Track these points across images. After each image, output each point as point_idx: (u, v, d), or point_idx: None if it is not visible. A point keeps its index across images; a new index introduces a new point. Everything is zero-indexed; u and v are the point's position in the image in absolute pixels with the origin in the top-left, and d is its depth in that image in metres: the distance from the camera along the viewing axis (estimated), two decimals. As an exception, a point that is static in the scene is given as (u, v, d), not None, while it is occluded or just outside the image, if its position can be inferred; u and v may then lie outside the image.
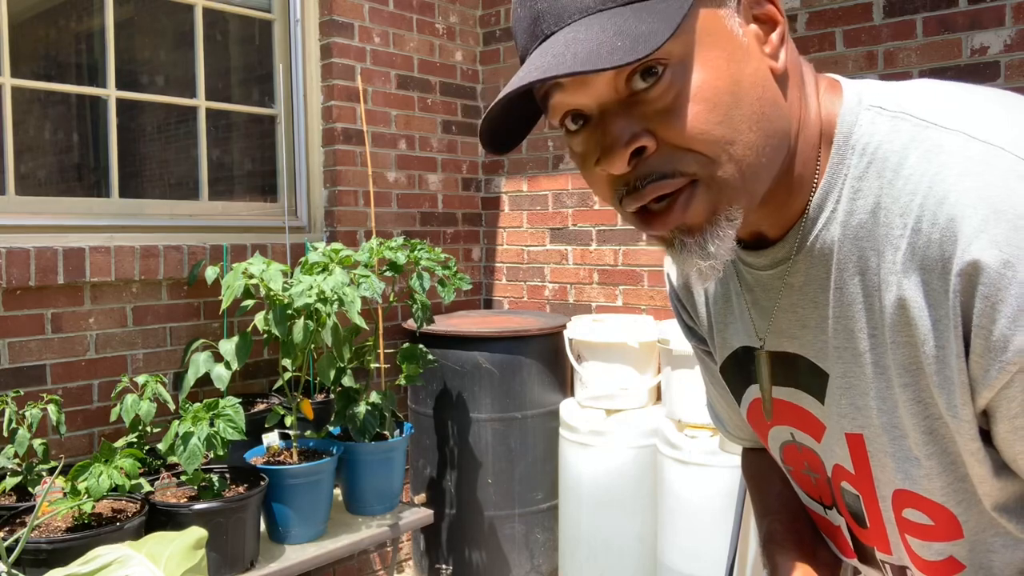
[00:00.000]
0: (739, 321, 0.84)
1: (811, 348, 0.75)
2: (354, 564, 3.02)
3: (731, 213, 0.65)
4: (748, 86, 0.64)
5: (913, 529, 0.73)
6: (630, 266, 3.08)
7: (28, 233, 2.28)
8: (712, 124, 0.63)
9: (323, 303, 2.16)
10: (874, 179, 0.66)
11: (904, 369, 0.66)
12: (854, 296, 0.69)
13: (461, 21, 3.43)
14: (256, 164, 2.98)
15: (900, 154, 0.65)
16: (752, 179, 0.66)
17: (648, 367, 2.74)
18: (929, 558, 0.73)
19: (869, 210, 0.67)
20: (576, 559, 2.77)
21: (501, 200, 3.49)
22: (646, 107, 0.63)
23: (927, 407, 0.66)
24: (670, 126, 0.63)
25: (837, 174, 0.69)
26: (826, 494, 0.83)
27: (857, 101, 0.70)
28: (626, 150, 0.63)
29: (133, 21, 2.69)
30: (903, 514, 0.73)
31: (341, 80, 2.98)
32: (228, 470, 2.25)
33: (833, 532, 0.86)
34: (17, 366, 2.23)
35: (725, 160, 0.64)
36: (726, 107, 0.63)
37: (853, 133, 0.69)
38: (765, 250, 0.75)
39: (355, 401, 2.45)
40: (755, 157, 0.65)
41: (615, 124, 0.64)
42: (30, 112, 2.49)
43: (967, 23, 2.30)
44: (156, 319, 2.50)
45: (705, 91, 0.62)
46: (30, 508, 1.90)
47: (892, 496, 0.73)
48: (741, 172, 0.64)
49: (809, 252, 0.72)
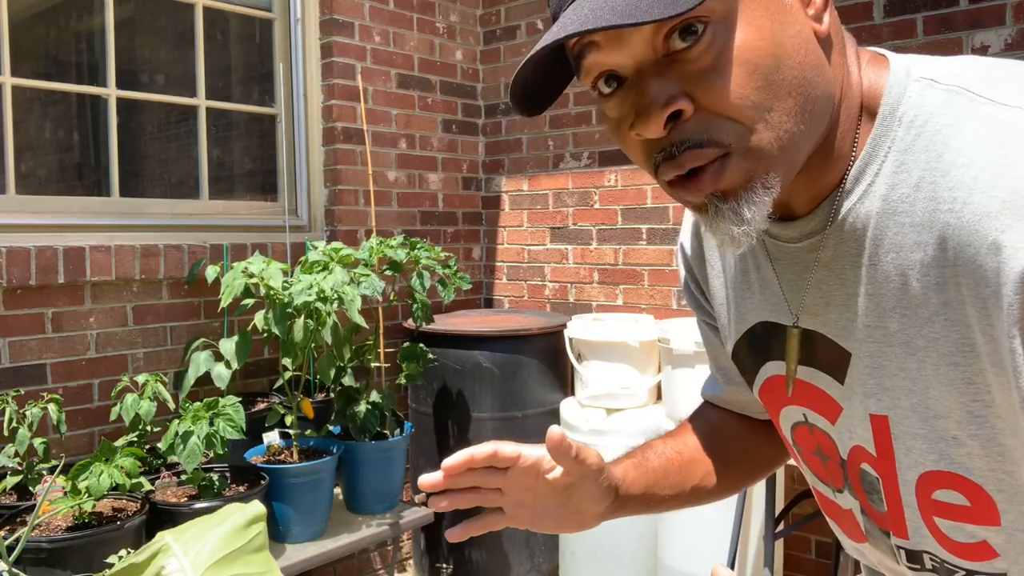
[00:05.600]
0: (759, 295, 0.81)
1: (833, 327, 0.73)
2: (354, 563, 3.02)
3: (768, 181, 0.63)
4: (791, 49, 0.62)
5: (945, 510, 0.70)
6: (630, 265, 3.08)
7: (28, 232, 2.28)
8: (751, 89, 0.60)
9: (323, 302, 2.16)
10: (921, 152, 0.64)
11: (955, 348, 0.63)
12: (888, 273, 0.66)
13: (461, 20, 3.43)
14: (256, 163, 2.98)
15: (953, 127, 0.62)
16: (790, 146, 0.63)
17: (648, 366, 2.74)
18: (963, 540, 0.70)
19: (913, 183, 0.64)
20: (576, 558, 2.77)
21: (501, 199, 3.49)
22: (685, 67, 0.61)
23: (977, 389, 0.63)
24: (709, 88, 0.60)
25: (879, 146, 0.66)
26: (836, 477, 0.81)
27: (906, 73, 0.67)
28: (662, 113, 0.61)
29: (133, 20, 2.69)
30: (933, 496, 0.70)
31: (341, 79, 2.98)
32: (228, 469, 2.25)
33: (841, 515, 0.84)
34: (17, 365, 2.23)
35: (762, 127, 0.61)
36: (767, 70, 0.61)
37: (901, 105, 0.66)
38: (794, 222, 0.72)
39: (355, 400, 2.45)
40: (794, 124, 0.62)
41: (652, 85, 0.61)
42: (31, 111, 2.49)
43: (967, 22, 2.30)
44: (156, 318, 2.50)
45: (747, 53, 0.60)
46: (31, 507, 1.90)
47: (918, 479, 0.71)
48: (779, 139, 0.62)
49: (840, 226, 0.69)
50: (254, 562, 0.72)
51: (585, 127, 3.19)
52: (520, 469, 0.83)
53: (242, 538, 0.72)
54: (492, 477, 0.83)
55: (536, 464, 0.83)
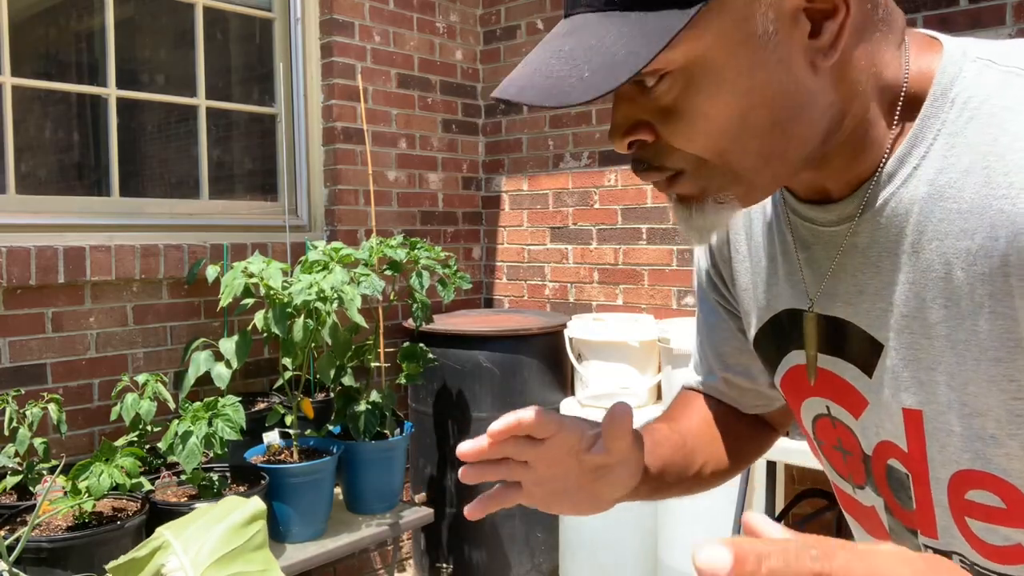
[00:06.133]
0: (784, 282, 0.79)
1: (865, 316, 0.70)
2: (354, 563, 3.02)
3: (720, 197, 0.64)
4: (761, 101, 0.60)
5: (978, 511, 0.68)
6: (630, 265, 3.08)
7: (29, 232, 2.28)
8: (708, 136, 0.61)
9: (323, 302, 2.16)
10: (974, 135, 0.61)
11: (999, 343, 0.61)
12: (931, 262, 0.63)
13: (461, 20, 3.43)
14: (256, 163, 2.98)
15: (1012, 110, 0.59)
16: (753, 176, 0.63)
17: (649, 366, 2.74)
18: (996, 543, 0.68)
19: (963, 168, 0.61)
20: (577, 558, 2.77)
21: (501, 199, 3.49)
22: (649, 102, 0.62)
23: (1020, 387, 0.61)
24: (667, 126, 0.62)
25: (928, 127, 0.64)
26: (857, 473, 0.78)
27: (961, 54, 0.64)
28: (623, 139, 0.64)
29: (133, 20, 2.69)
30: (966, 496, 0.68)
31: (341, 79, 2.98)
32: (228, 469, 2.25)
33: (863, 513, 0.81)
34: (18, 365, 2.23)
35: (719, 161, 0.62)
36: (727, 122, 0.60)
37: (954, 85, 0.63)
38: (832, 205, 0.70)
39: (355, 400, 2.45)
40: (755, 160, 0.63)
41: (620, 111, 0.64)
42: (31, 111, 2.49)
43: (968, 22, 2.30)
44: (156, 318, 2.50)
45: (706, 106, 0.60)
46: (31, 507, 1.90)
47: (951, 478, 0.68)
48: (735, 174, 0.63)
49: (880, 212, 0.66)
50: (254, 560, 0.72)
51: (585, 127, 3.19)
52: (557, 442, 0.76)
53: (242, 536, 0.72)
54: (525, 448, 0.78)
55: (575, 439, 0.76)
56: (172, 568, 0.70)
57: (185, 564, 0.70)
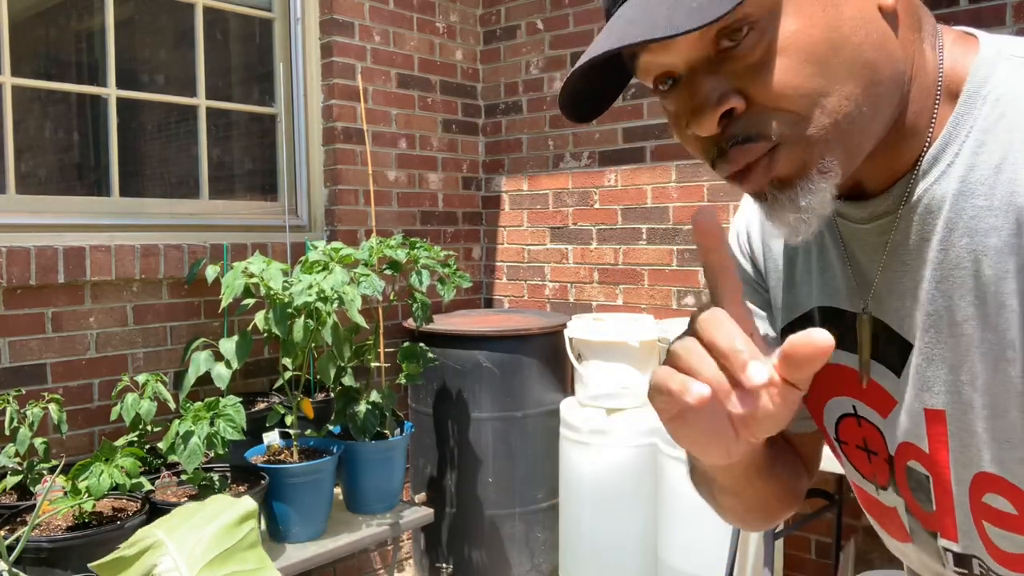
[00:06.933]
0: (817, 279, 0.77)
1: (895, 315, 0.69)
2: (354, 563, 3.02)
3: (824, 165, 0.61)
4: (849, 30, 0.59)
5: (994, 516, 0.67)
6: (630, 265, 3.08)
7: (28, 232, 2.28)
8: (803, 77, 0.59)
9: (323, 302, 2.16)
10: (1004, 132, 0.61)
11: (1020, 342, 0.60)
12: (960, 258, 0.63)
13: (461, 20, 3.43)
14: (256, 163, 2.98)
15: None
16: (851, 130, 0.61)
17: (648, 366, 2.74)
18: (1010, 550, 0.67)
19: (994, 165, 0.61)
20: (577, 558, 2.77)
21: (501, 199, 3.49)
22: (736, 64, 0.60)
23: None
24: (760, 83, 0.59)
25: (961, 124, 0.64)
26: (881, 473, 0.76)
27: (996, 52, 0.64)
28: (715, 112, 0.60)
29: (133, 20, 2.69)
30: (983, 499, 0.67)
31: (341, 79, 2.98)
32: (229, 469, 2.25)
33: (885, 513, 0.80)
34: (18, 365, 2.23)
35: (817, 114, 0.60)
36: (821, 57, 0.59)
37: (988, 83, 0.63)
38: (866, 201, 0.69)
39: (355, 400, 2.45)
40: (854, 107, 0.60)
41: (704, 84, 0.60)
42: (31, 111, 2.49)
43: (968, 22, 2.30)
44: (156, 318, 2.50)
45: (797, 43, 0.59)
46: (31, 507, 1.90)
47: (972, 479, 0.67)
48: (836, 124, 0.60)
49: (913, 208, 0.66)
50: (249, 559, 0.72)
51: (585, 127, 3.19)
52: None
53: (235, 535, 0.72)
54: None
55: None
56: (166, 568, 0.70)
57: (180, 564, 0.70)
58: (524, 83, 3.39)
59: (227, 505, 0.74)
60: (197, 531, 0.72)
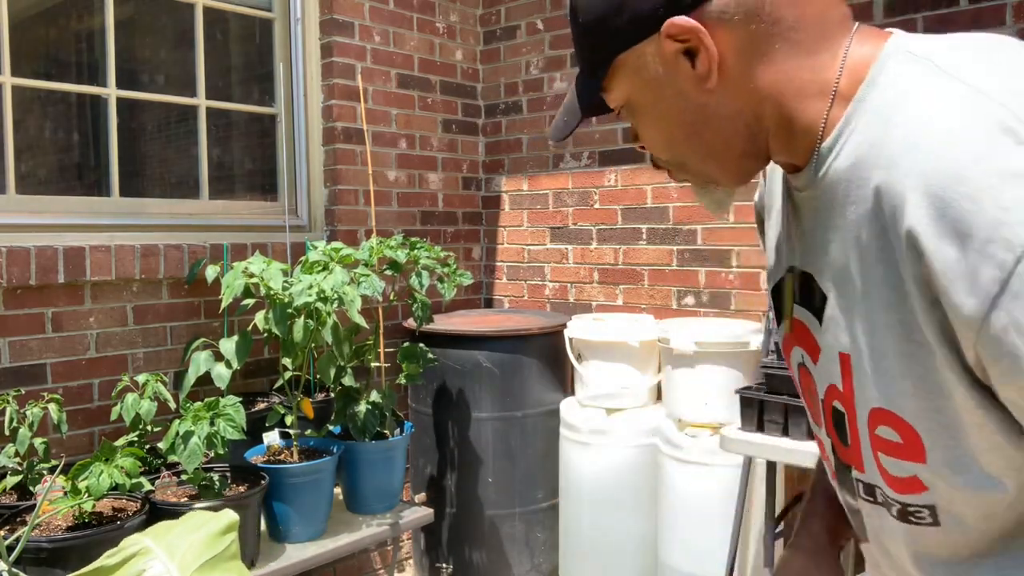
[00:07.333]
0: (787, 242, 0.91)
1: (818, 271, 0.82)
2: (354, 563, 3.02)
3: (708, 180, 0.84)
4: (676, 121, 0.80)
5: (885, 446, 0.78)
6: (630, 265, 3.08)
7: (28, 232, 2.28)
8: (660, 148, 0.84)
9: (323, 302, 2.16)
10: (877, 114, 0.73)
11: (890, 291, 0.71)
12: (851, 223, 0.75)
13: (461, 20, 3.43)
14: (256, 163, 2.98)
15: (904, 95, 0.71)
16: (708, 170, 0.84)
17: (648, 366, 2.74)
18: (898, 475, 0.79)
19: (869, 143, 0.73)
20: (577, 558, 2.77)
21: (501, 199, 3.49)
22: None
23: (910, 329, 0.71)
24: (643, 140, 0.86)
25: (858, 110, 0.75)
26: (817, 414, 0.90)
27: (895, 47, 0.75)
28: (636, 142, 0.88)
29: (133, 20, 2.69)
30: (876, 431, 0.78)
31: (341, 79, 2.98)
32: (229, 469, 2.25)
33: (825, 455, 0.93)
34: (18, 365, 2.23)
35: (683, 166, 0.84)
36: (663, 137, 0.82)
37: (882, 74, 0.74)
38: (798, 174, 0.83)
39: (355, 400, 2.45)
40: (701, 161, 0.83)
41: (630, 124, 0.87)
42: (30, 111, 2.49)
43: (968, 22, 2.30)
44: (156, 318, 2.50)
45: (646, 128, 0.83)
46: (31, 507, 1.90)
47: (869, 414, 0.78)
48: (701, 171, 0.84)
49: (823, 180, 0.79)
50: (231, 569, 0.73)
51: (585, 127, 3.19)
52: None
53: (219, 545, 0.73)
54: None
55: None
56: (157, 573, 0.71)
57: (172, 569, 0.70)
58: (524, 83, 3.39)
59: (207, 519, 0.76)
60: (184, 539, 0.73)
